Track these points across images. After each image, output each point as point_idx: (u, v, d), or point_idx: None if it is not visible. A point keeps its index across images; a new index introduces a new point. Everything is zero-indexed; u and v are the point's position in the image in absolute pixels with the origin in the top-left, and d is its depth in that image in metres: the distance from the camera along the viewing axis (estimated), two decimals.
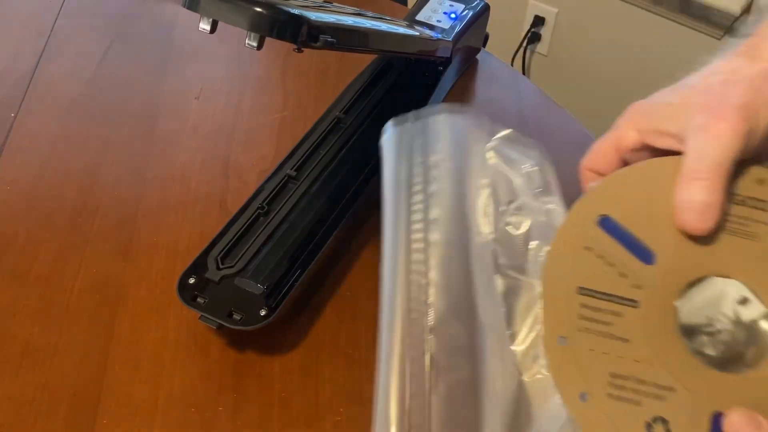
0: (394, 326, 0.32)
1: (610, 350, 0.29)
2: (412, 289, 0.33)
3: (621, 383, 0.28)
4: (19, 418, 0.39)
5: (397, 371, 0.31)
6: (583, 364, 0.29)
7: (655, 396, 0.28)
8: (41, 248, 0.47)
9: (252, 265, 0.43)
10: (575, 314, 0.29)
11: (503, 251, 0.34)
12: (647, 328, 0.29)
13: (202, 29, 0.35)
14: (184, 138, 0.55)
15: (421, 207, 0.35)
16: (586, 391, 0.28)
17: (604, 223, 0.30)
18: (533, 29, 1.34)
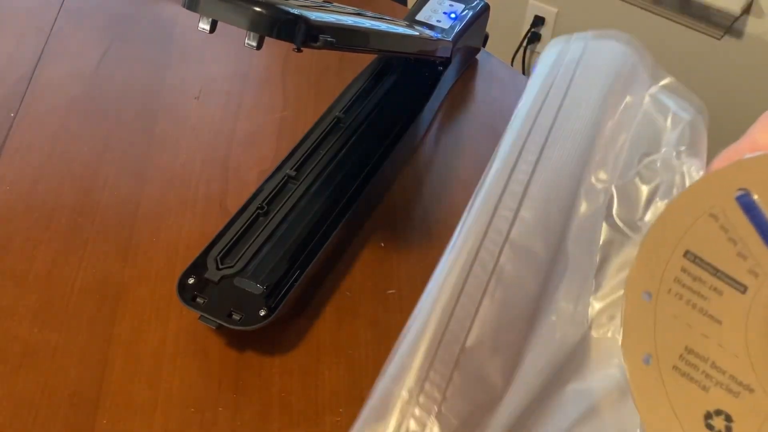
0: (475, 224, 0.31)
1: (696, 325, 0.26)
2: (506, 197, 0.31)
3: (694, 361, 0.26)
4: (19, 418, 0.39)
5: (462, 264, 0.30)
6: (661, 326, 0.26)
7: (727, 389, 0.25)
8: (41, 248, 0.47)
9: (251, 266, 0.43)
10: (672, 275, 0.26)
11: (621, 202, 0.32)
12: (748, 318, 0.26)
13: (201, 29, 0.35)
14: (184, 138, 0.55)
15: (546, 131, 0.33)
16: (653, 355, 0.26)
17: (743, 198, 0.26)
18: (533, 29, 1.34)
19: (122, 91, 0.58)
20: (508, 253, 0.30)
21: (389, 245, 0.48)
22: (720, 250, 0.26)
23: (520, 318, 0.30)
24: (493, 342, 0.30)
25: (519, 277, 0.30)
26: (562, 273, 0.31)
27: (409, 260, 0.47)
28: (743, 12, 1.06)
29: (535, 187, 0.32)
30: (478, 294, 0.30)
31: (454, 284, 0.30)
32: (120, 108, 0.57)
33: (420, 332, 0.29)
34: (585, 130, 0.33)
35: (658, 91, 0.34)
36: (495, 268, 0.30)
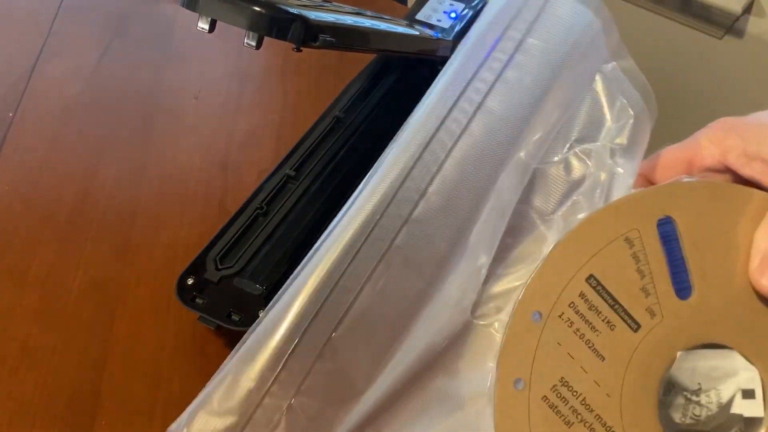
0: (379, 185, 0.28)
1: (578, 357, 0.25)
2: (425, 159, 0.28)
3: (566, 395, 0.25)
4: (18, 419, 0.39)
5: (356, 233, 0.27)
6: (542, 352, 0.25)
7: (590, 428, 0.25)
8: (40, 248, 0.47)
9: (251, 266, 0.43)
10: (568, 299, 0.25)
11: (539, 187, 0.29)
12: (631, 358, 0.25)
13: (200, 28, 0.35)
14: (183, 138, 0.55)
15: (485, 88, 0.29)
16: (525, 381, 0.25)
17: (664, 225, 0.25)
18: None
19: (121, 90, 0.58)
20: (405, 235, 0.27)
21: None
22: (625, 280, 0.25)
23: (403, 303, 0.27)
24: (367, 331, 0.26)
25: (413, 261, 0.27)
26: (461, 248, 0.28)
27: None
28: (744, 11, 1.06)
29: (459, 153, 0.28)
30: (369, 266, 0.26)
31: (343, 254, 0.27)
32: (119, 107, 0.57)
33: (290, 304, 0.26)
34: (531, 90, 0.29)
35: (612, 73, 0.31)
36: (389, 248, 0.27)
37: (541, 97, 0.30)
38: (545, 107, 0.30)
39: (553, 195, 0.29)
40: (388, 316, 0.27)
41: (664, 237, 0.25)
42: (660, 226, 0.25)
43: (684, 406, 0.26)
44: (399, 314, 0.27)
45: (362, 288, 0.26)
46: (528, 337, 0.25)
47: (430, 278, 0.27)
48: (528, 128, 0.29)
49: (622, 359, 0.25)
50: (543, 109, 0.30)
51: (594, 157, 0.29)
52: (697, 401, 0.26)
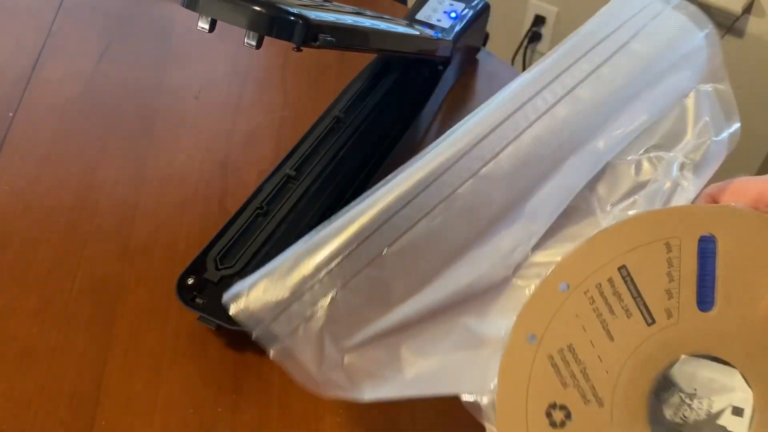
0: (475, 127, 0.31)
1: (590, 331, 0.27)
2: (505, 126, 0.31)
3: (570, 360, 0.27)
4: (18, 419, 0.39)
5: (434, 168, 0.30)
6: (560, 318, 0.28)
7: (583, 395, 0.27)
8: (40, 248, 0.47)
9: (251, 266, 0.43)
10: (596, 280, 0.27)
11: (606, 179, 0.32)
12: (639, 347, 0.27)
13: (200, 28, 0.34)
14: (183, 137, 0.55)
15: (580, 76, 0.32)
16: (538, 337, 0.27)
17: (705, 243, 0.27)
18: (534, 28, 1.34)
19: (121, 90, 0.58)
20: (469, 187, 0.30)
21: None
22: (653, 278, 0.27)
23: (451, 244, 0.31)
24: (415, 256, 0.30)
25: (470, 211, 0.31)
26: (519, 213, 0.31)
27: None
28: (744, 11, 1.06)
29: (538, 128, 0.31)
30: (431, 203, 0.30)
31: (411, 187, 0.30)
32: (119, 107, 0.57)
33: (356, 217, 0.30)
34: (622, 89, 0.32)
35: (706, 93, 0.33)
36: (452, 194, 0.30)
37: (631, 98, 0.32)
38: (633, 108, 0.32)
39: (617, 189, 0.31)
40: (435, 251, 0.30)
41: (702, 252, 0.27)
42: (702, 241, 0.27)
43: (678, 406, 0.27)
44: (446, 252, 0.31)
45: (419, 220, 0.30)
46: (551, 302, 0.28)
47: (481, 231, 0.31)
48: (612, 123, 0.32)
49: (629, 345, 0.27)
50: (631, 109, 0.32)
51: (664, 165, 0.31)
52: (690, 404, 0.27)
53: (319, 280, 0.30)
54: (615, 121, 0.32)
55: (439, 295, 0.30)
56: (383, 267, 0.30)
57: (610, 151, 0.32)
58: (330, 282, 0.30)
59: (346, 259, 0.30)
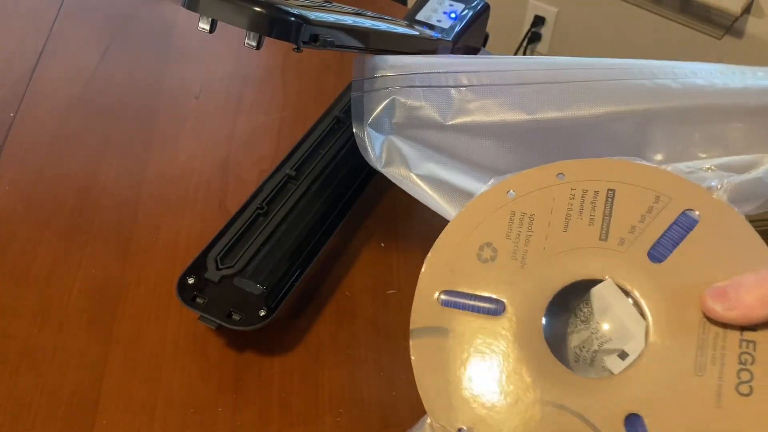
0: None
1: (554, 215, 0.32)
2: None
3: (524, 223, 0.32)
4: (18, 419, 0.39)
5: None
6: (541, 193, 0.32)
7: (515, 250, 0.31)
8: (40, 248, 0.47)
9: (251, 266, 0.43)
10: (583, 186, 0.32)
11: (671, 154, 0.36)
12: (582, 248, 0.31)
13: (201, 29, 0.35)
14: (184, 138, 0.55)
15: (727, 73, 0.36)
16: (515, 196, 0.33)
17: (686, 216, 0.30)
18: (533, 29, 1.34)
19: (122, 90, 0.58)
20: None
21: (389, 245, 0.48)
22: (629, 212, 0.31)
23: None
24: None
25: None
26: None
27: (409, 260, 0.47)
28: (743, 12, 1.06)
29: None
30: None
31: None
32: (120, 108, 0.57)
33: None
34: (742, 96, 0.35)
35: None
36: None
37: (740, 109, 0.35)
38: (735, 119, 0.35)
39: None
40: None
41: (679, 221, 0.30)
42: (684, 213, 0.30)
43: (581, 312, 0.32)
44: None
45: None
46: (543, 180, 0.33)
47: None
48: (712, 123, 0.35)
49: (574, 242, 0.31)
50: (722, 118, 0.36)
51: (721, 187, 0.32)
52: (593, 334, 0.31)
53: (411, 77, 0.38)
54: (715, 123, 0.35)
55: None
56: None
57: (672, 155, 0.36)
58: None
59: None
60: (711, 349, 0.27)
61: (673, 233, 0.30)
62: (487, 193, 0.33)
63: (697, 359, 0.27)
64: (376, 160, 0.39)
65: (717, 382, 0.27)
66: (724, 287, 0.27)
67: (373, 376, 0.41)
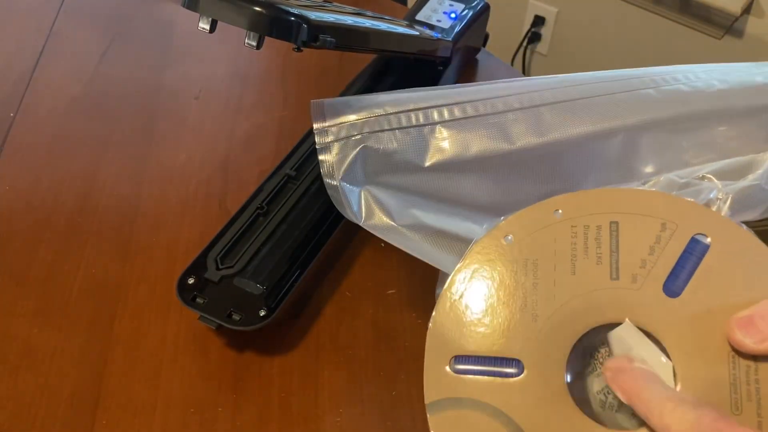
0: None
1: (559, 257, 0.30)
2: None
3: (529, 269, 0.30)
4: (18, 419, 0.39)
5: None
6: (542, 234, 0.30)
7: (524, 303, 0.29)
8: (40, 248, 0.47)
9: (251, 266, 0.43)
10: (587, 220, 0.30)
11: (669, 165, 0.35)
12: (595, 291, 0.29)
13: (201, 28, 0.35)
14: (184, 138, 0.55)
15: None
16: (514, 241, 0.31)
17: (697, 241, 0.29)
18: (533, 29, 1.34)
19: (122, 91, 0.58)
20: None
21: (389, 245, 0.48)
22: (636, 244, 0.30)
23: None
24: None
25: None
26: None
27: (409, 260, 0.47)
28: (743, 12, 1.06)
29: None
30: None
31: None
32: (120, 108, 0.57)
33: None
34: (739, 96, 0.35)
35: None
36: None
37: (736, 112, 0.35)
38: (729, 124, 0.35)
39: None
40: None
41: (690, 247, 0.29)
42: (694, 239, 0.29)
43: (599, 354, 0.30)
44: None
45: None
46: (542, 219, 0.31)
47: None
48: (699, 129, 0.35)
49: (585, 285, 0.29)
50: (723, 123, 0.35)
51: (721, 199, 0.32)
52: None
53: (380, 119, 0.36)
54: (710, 122, 0.35)
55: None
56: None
57: (668, 165, 0.35)
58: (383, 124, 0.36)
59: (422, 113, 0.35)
60: (745, 384, 0.26)
61: (685, 262, 0.28)
62: (482, 242, 0.31)
63: (731, 397, 0.26)
64: (355, 216, 0.36)
65: (756, 420, 0.25)
66: (751, 316, 0.26)
67: (373, 376, 0.41)
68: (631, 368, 0.27)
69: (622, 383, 0.26)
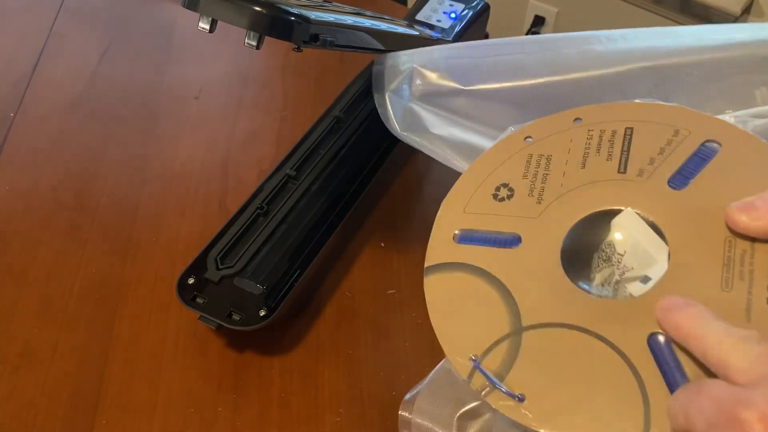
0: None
1: (572, 154, 0.32)
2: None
3: (542, 163, 0.33)
4: (18, 419, 0.39)
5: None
6: (558, 136, 0.33)
7: (531, 188, 0.32)
8: (40, 248, 0.47)
9: (251, 266, 0.43)
10: (601, 126, 0.32)
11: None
12: (600, 181, 0.31)
13: (201, 28, 0.35)
14: (184, 138, 0.55)
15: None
16: (533, 140, 0.33)
17: (706, 147, 0.30)
18: (533, 29, 1.34)
19: (122, 91, 0.58)
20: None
21: (389, 245, 0.48)
22: (647, 146, 0.31)
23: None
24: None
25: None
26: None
27: (409, 260, 0.47)
28: (743, 12, 1.06)
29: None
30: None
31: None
32: (120, 107, 0.57)
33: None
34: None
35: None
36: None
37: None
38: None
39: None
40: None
41: (699, 151, 0.30)
42: (705, 144, 0.30)
43: (603, 253, 0.31)
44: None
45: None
46: (560, 125, 0.33)
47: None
48: (731, 77, 0.36)
49: (593, 176, 0.31)
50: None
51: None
52: (608, 261, 0.31)
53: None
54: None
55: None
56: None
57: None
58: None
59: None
60: (738, 265, 0.26)
61: (693, 162, 0.29)
62: (503, 141, 0.34)
63: (723, 276, 0.26)
64: (397, 125, 0.42)
65: (746, 297, 0.26)
66: (752, 200, 0.26)
67: (373, 376, 0.41)
68: (685, 304, 0.25)
69: (676, 320, 0.25)
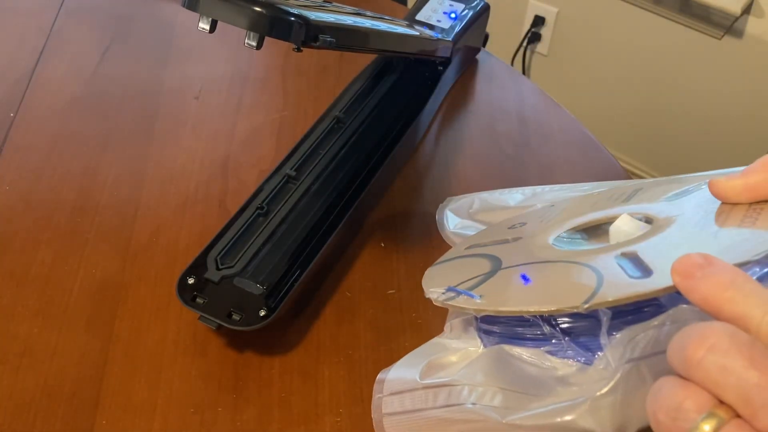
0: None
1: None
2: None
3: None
4: (18, 419, 0.39)
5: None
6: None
7: None
8: (40, 248, 0.47)
9: (251, 266, 0.43)
10: None
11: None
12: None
13: (201, 29, 0.35)
14: (184, 138, 0.55)
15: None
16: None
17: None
18: (533, 29, 1.34)
19: (122, 90, 0.58)
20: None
21: (389, 245, 0.48)
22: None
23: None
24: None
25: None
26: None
27: (409, 260, 0.47)
28: (743, 12, 1.06)
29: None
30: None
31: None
32: (120, 108, 0.57)
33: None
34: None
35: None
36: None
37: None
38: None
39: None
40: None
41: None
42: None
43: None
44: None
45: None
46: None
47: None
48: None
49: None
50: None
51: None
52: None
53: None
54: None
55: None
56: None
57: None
58: None
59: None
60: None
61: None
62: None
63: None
64: (443, 229, 0.46)
65: (716, 228, 0.28)
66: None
67: (373, 376, 0.41)
68: (709, 263, 0.22)
69: (702, 292, 0.21)
